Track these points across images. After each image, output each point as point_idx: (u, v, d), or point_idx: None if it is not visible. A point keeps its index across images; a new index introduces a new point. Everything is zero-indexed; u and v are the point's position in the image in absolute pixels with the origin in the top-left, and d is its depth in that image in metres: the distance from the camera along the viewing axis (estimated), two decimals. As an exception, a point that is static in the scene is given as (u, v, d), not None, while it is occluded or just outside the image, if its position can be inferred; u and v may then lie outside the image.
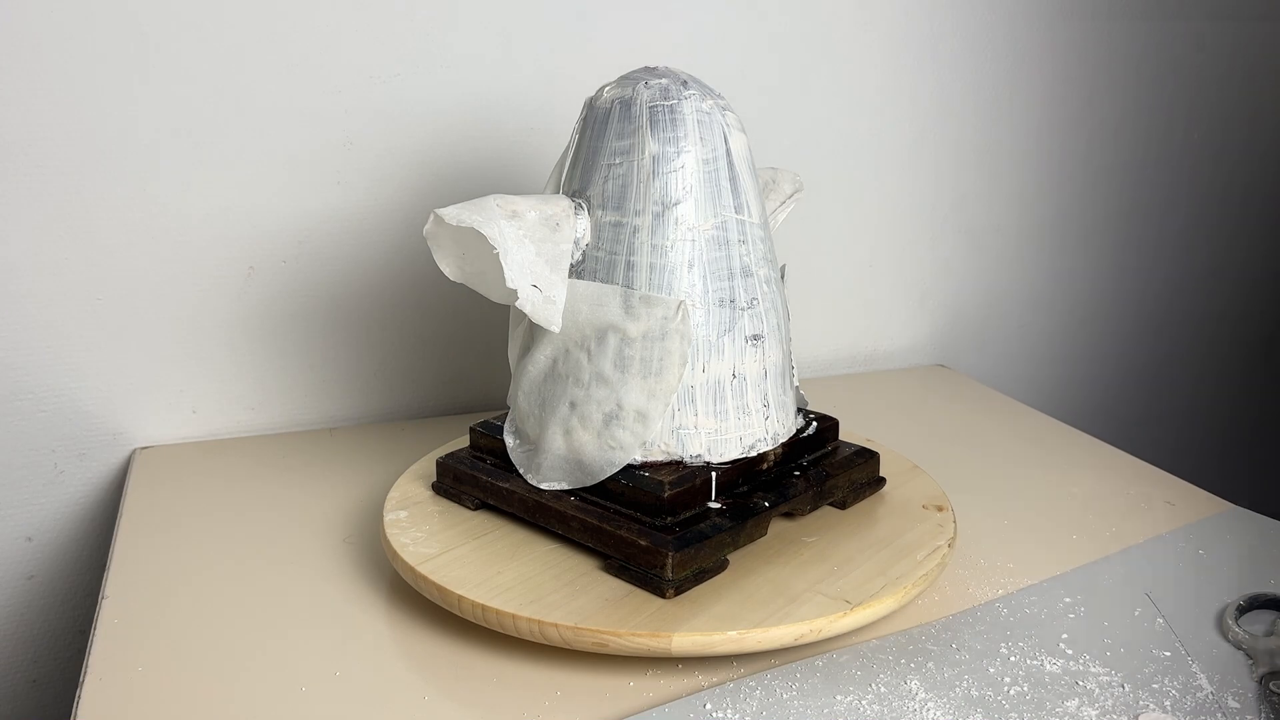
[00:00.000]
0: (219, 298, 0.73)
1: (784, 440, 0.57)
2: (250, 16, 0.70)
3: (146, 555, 0.58)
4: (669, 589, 0.49)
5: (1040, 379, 1.06)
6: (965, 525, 0.63)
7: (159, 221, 0.71)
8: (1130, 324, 1.10)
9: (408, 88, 0.75)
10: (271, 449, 0.73)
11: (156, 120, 0.69)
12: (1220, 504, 0.67)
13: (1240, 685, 0.48)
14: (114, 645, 0.50)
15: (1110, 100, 1.01)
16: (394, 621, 0.52)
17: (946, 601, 0.55)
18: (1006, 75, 0.95)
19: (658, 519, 0.50)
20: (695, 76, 0.56)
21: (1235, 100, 1.08)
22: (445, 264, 0.53)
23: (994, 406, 0.86)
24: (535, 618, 0.47)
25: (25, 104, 0.66)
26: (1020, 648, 0.50)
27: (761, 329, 0.54)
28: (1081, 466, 0.73)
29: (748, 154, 0.55)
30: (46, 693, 0.74)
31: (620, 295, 0.52)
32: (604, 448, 0.53)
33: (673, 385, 0.52)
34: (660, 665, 0.49)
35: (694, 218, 0.53)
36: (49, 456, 0.71)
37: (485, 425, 0.59)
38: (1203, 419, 1.17)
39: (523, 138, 0.79)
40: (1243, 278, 1.14)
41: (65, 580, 0.74)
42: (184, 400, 0.74)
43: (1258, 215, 1.13)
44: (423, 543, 0.54)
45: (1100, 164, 1.03)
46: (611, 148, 0.53)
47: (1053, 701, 0.46)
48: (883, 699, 0.46)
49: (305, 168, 0.73)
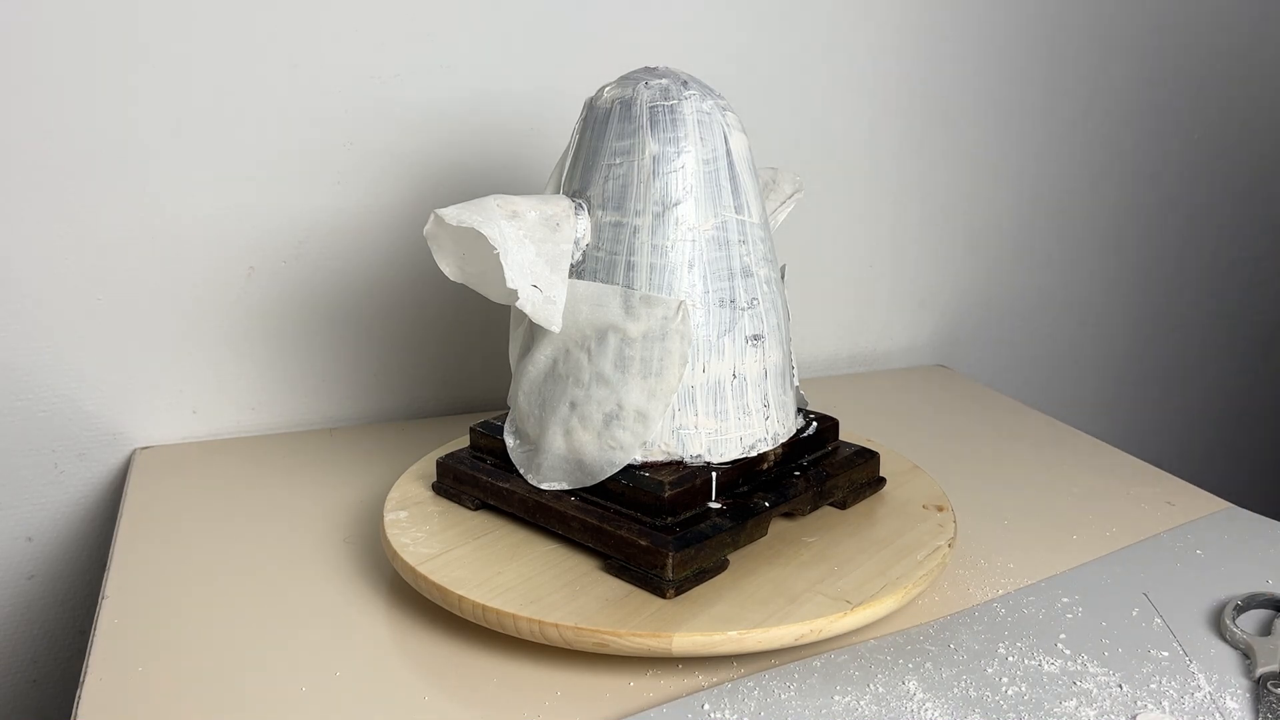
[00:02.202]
0: (219, 298, 0.73)
1: (784, 440, 0.57)
2: (251, 17, 0.70)
3: (146, 555, 0.58)
4: (669, 589, 0.49)
5: (1040, 379, 1.06)
6: (965, 525, 0.63)
7: (159, 221, 0.71)
8: (1130, 324, 1.10)
9: (408, 88, 0.75)
10: (271, 449, 0.73)
11: (156, 120, 0.69)
12: (1218, 503, 0.67)
13: (1238, 685, 0.48)
14: (114, 645, 0.50)
15: (1110, 100, 1.01)
16: (394, 621, 0.52)
17: (946, 602, 0.55)
18: (1007, 75, 0.95)
19: (658, 519, 0.51)
20: (695, 76, 0.56)
21: (1235, 100, 1.08)
22: (445, 264, 0.53)
23: (994, 406, 0.86)
24: (535, 618, 0.47)
25: (25, 104, 0.66)
26: (1018, 648, 0.50)
27: (761, 329, 0.54)
28: (1081, 466, 0.73)
29: (748, 154, 0.56)
30: (46, 693, 0.74)
31: (620, 295, 0.52)
32: (604, 448, 0.53)
33: (673, 385, 0.52)
34: (660, 665, 0.49)
35: (694, 218, 0.53)
36: (49, 456, 0.71)
37: (485, 425, 0.59)
38: (1203, 419, 1.17)
39: (523, 138, 0.79)
40: (1243, 278, 1.14)
41: (65, 580, 0.74)
42: (184, 400, 0.74)
43: (1257, 215, 1.13)
44: (423, 543, 0.54)
45: (1100, 164, 1.03)
46: (612, 148, 0.53)
47: (1051, 702, 0.46)
48: (880, 699, 0.46)
49: (305, 168, 0.73)
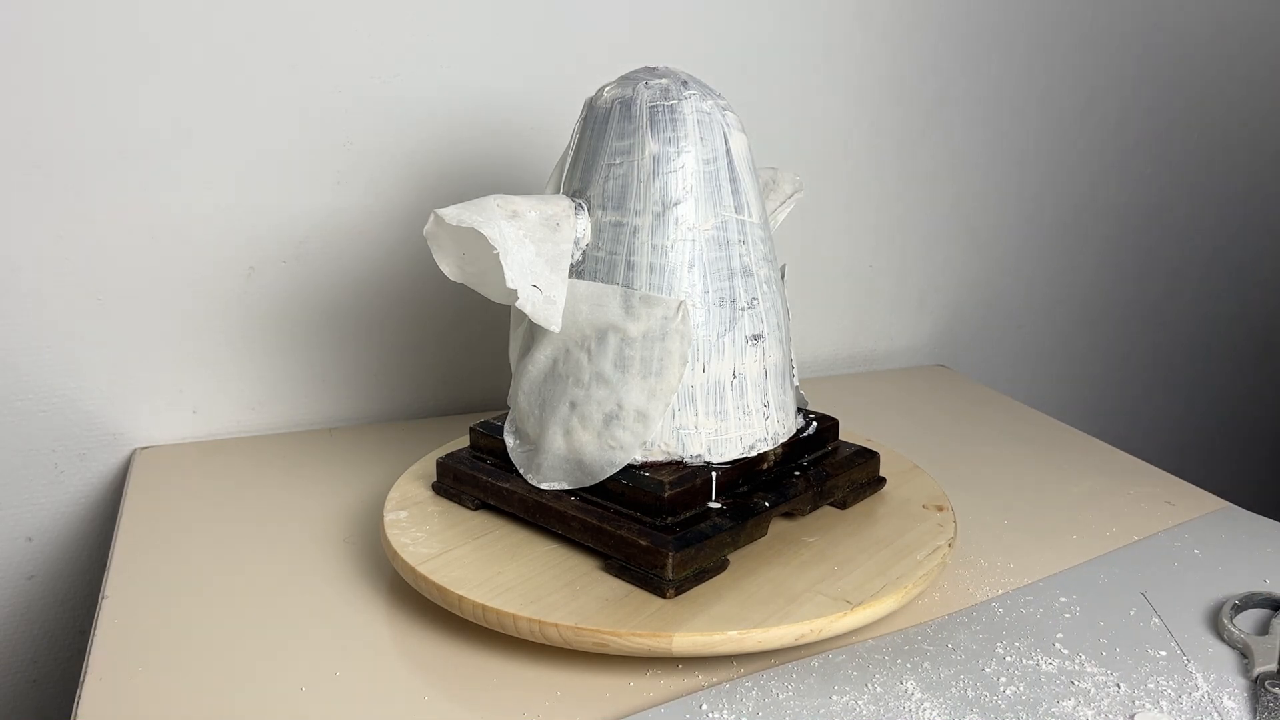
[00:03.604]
0: (219, 298, 0.73)
1: (784, 440, 0.57)
2: (251, 16, 0.70)
3: (146, 555, 0.58)
4: (669, 589, 0.49)
5: (1040, 379, 1.06)
6: (965, 525, 0.63)
7: (159, 221, 0.71)
8: (1130, 324, 1.10)
9: (408, 88, 0.75)
10: (271, 449, 0.73)
11: (157, 120, 0.69)
12: (1217, 502, 0.67)
13: (1236, 684, 0.48)
14: (114, 645, 0.50)
15: (1110, 100, 1.01)
16: (394, 621, 0.52)
17: (946, 601, 0.55)
18: (1007, 75, 0.95)
19: (658, 519, 0.51)
20: (695, 76, 0.56)
21: (1235, 100, 1.08)
22: (445, 264, 0.53)
23: (994, 406, 0.86)
24: (535, 618, 0.47)
25: (25, 104, 0.66)
26: (1016, 647, 0.50)
27: (761, 329, 0.54)
28: (1081, 466, 0.73)
29: (748, 154, 0.56)
30: (46, 693, 0.74)
31: (620, 295, 0.52)
32: (604, 448, 0.53)
33: (673, 385, 0.52)
34: (660, 665, 0.49)
35: (694, 218, 0.53)
36: (49, 456, 0.71)
37: (485, 425, 0.59)
38: (1202, 419, 1.18)
39: (523, 138, 0.79)
40: (1242, 278, 1.14)
41: (65, 580, 0.74)
42: (184, 400, 0.74)
43: (1257, 215, 1.13)
44: (423, 543, 0.54)
45: (1100, 164, 1.03)
46: (612, 148, 0.54)
47: (1048, 701, 0.46)
48: (879, 699, 0.46)
49: (305, 168, 0.73)
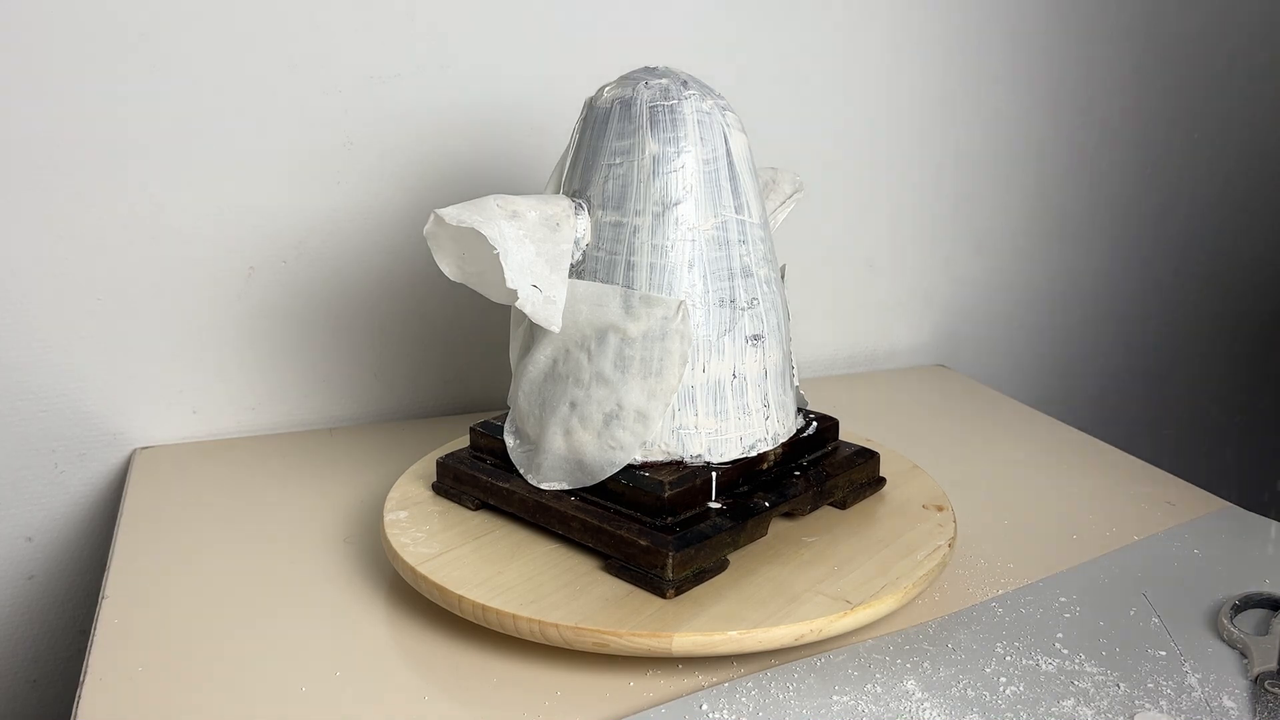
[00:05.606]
0: (219, 298, 0.73)
1: (784, 440, 0.57)
2: (250, 16, 0.70)
3: (146, 555, 0.58)
4: (669, 589, 0.49)
5: (1040, 379, 1.06)
6: (965, 525, 0.63)
7: (159, 221, 0.71)
8: (1130, 324, 1.10)
9: (408, 88, 0.75)
10: (271, 449, 0.73)
11: (157, 120, 0.69)
12: (1217, 502, 0.67)
13: (1235, 684, 0.48)
14: (114, 645, 0.50)
15: (1110, 101, 1.01)
16: (394, 621, 0.52)
17: (946, 601, 0.55)
18: (1007, 75, 0.95)
19: (658, 519, 0.51)
20: (695, 76, 0.56)
21: (1235, 100, 1.08)
22: (445, 264, 0.53)
23: (994, 406, 0.86)
24: (535, 618, 0.47)
25: (25, 104, 0.66)
26: (1016, 647, 0.50)
27: (762, 329, 0.54)
28: (1081, 466, 0.73)
29: (748, 154, 0.56)
30: (46, 693, 0.74)
31: (620, 295, 0.52)
32: (604, 448, 0.53)
33: (673, 385, 0.52)
34: (660, 665, 0.49)
35: (694, 218, 0.53)
36: (49, 456, 0.71)
37: (485, 425, 0.59)
38: (1202, 419, 1.17)
39: (523, 138, 0.79)
40: (1243, 278, 1.14)
41: (65, 580, 0.74)
42: (184, 400, 0.74)
43: (1258, 216, 1.13)
44: (423, 543, 0.54)
45: (1100, 164, 1.03)
46: (612, 148, 0.54)
47: (1048, 701, 0.46)
48: (879, 699, 0.46)
49: (305, 168, 0.73)
